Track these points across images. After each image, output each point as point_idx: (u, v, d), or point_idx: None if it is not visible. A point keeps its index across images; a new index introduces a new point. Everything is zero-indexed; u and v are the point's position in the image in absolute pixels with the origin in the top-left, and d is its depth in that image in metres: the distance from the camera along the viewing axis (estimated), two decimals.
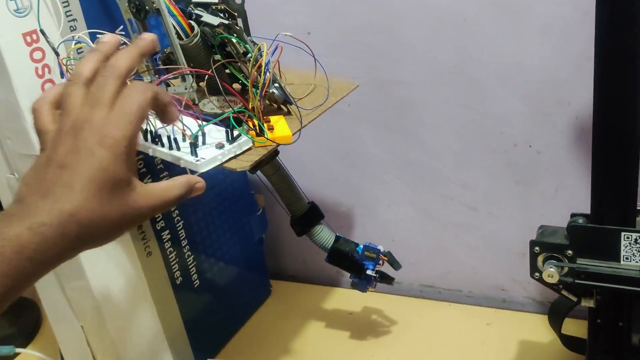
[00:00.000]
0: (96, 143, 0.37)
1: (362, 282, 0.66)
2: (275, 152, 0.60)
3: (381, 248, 0.66)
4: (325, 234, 0.65)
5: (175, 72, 0.49)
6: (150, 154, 0.49)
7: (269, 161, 0.60)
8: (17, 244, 0.33)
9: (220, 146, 0.47)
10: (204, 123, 0.47)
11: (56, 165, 0.37)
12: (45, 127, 0.39)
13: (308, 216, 0.64)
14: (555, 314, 0.61)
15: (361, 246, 0.65)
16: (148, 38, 0.43)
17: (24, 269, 0.34)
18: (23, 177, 0.38)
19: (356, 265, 0.65)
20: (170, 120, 0.42)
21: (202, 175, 0.64)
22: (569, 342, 0.62)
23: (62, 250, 0.35)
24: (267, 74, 0.50)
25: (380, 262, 0.66)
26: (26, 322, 0.79)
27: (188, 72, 0.52)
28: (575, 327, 0.62)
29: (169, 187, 0.41)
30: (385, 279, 0.67)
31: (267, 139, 0.48)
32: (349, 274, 0.67)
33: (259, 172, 0.60)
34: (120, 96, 0.38)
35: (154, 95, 0.39)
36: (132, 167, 0.38)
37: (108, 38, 0.43)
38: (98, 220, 0.36)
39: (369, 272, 0.65)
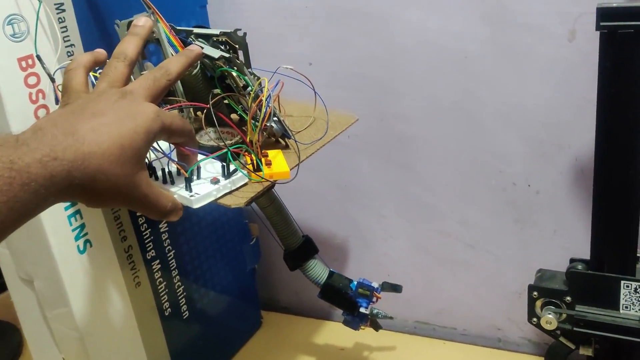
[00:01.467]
0: (139, 111, 0.39)
1: (354, 319, 0.65)
2: (271, 185, 0.59)
3: (375, 285, 0.65)
4: (318, 269, 0.64)
5: (173, 106, 0.48)
6: None
7: (265, 194, 0.59)
8: (27, 177, 0.33)
9: (215, 181, 0.46)
10: (202, 158, 0.46)
11: (91, 113, 0.38)
12: (78, 87, 0.42)
13: (302, 250, 0.63)
14: (553, 358, 0.59)
15: (355, 282, 0.64)
16: (196, 50, 0.47)
17: (28, 203, 0.33)
18: (48, 114, 0.39)
19: (349, 302, 0.64)
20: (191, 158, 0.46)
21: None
22: None
23: (63, 191, 0.35)
24: (267, 108, 0.49)
25: (375, 299, 0.64)
26: (7, 347, 0.77)
27: (186, 105, 0.51)
28: None
29: (164, 195, 0.43)
30: (375, 324, 0.66)
31: (263, 178, 0.47)
32: (342, 311, 0.65)
33: (253, 204, 0.59)
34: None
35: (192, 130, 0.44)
36: (147, 152, 0.40)
37: (143, 22, 0.47)
38: (105, 175, 0.37)
39: (362, 310, 0.64)
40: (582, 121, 0.62)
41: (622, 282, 0.49)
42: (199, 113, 0.56)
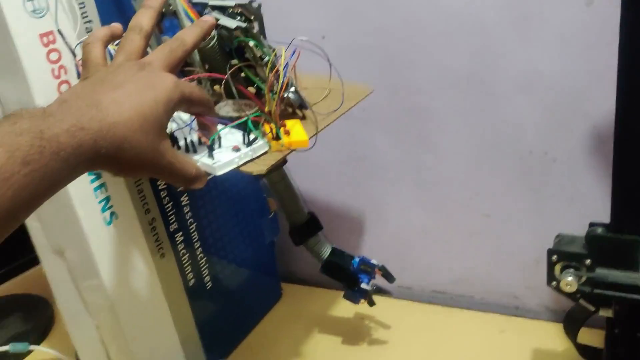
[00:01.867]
0: (158, 81, 0.40)
1: (355, 293, 0.67)
2: (284, 160, 0.60)
3: (375, 262, 0.67)
4: (322, 246, 0.65)
5: (190, 77, 0.49)
6: None
7: (279, 168, 0.60)
8: (56, 146, 0.34)
9: (236, 149, 0.47)
10: (221, 127, 0.47)
11: (111, 85, 0.39)
12: (97, 59, 0.43)
13: (307, 226, 0.64)
14: (571, 323, 0.60)
15: (357, 259, 0.66)
16: (209, 20, 0.47)
17: (59, 171, 0.34)
18: (71, 88, 0.40)
19: (351, 277, 0.65)
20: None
21: (216, 176, 0.64)
22: (585, 351, 0.61)
23: (90, 160, 0.36)
24: (284, 78, 0.50)
25: (375, 276, 0.66)
26: (39, 320, 0.80)
27: (203, 77, 0.52)
28: (590, 337, 0.62)
29: (188, 162, 0.43)
30: (380, 292, 0.68)
31: (283, 144, 0.48)
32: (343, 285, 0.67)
33: (264, 180, 0.61)
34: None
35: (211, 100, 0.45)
36: (168, 121, 0.41)
37: None
38: (129, 144, 0.38)
39: (363, 285, 0.66)
40: (601, 88, 0.61)
41: None
42: (216, 87, 0.56)
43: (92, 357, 0.63)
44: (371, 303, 0.69)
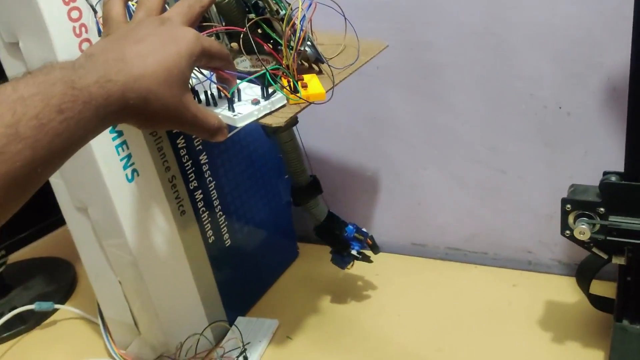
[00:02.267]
0: (180, 35, 0.41)
1: (343, 259, 0.69)
2: (295, 120, 0.61)
3: (366, 230, 0.69)
4: (320, 209, 0.67)
5: (208, 31, 0.49)
6: None
7: (293, 124, 0.61)
8: (87, 95, 0.35)
9: (255, 102, 0.47)
10: (241, 80, 0.48)
11: (134, 40, 0.40)
12: (118, 16, 0.44)
13: (309, 188, 0.65)
14: (584, 274, 0.61)
15: (351, 227, 0.67)
16: None
17: (91, 120, 0.36)
18: (95, 43, 0.42)
19: (343, 243, 0.67)
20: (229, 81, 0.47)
21: (234, 135, 0.66)
22: (597, 301, 0.62)
23: (119, 112, 0.38)
24: (301, 31, 0.50)
25: (366, 245, 0.68)
26: (63, 281, 0.82)
27: (221, 30, 0.52)
28: (602, 288, 0.63)
29: (211, 114, 0.44)
30: (365, 259, 0.70)
31: (300, 97, 0.49)
32: (331, 248, 0.69)
33: (275, 138, 0.62)
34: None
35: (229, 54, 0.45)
36: (190, 75, 0.42)
37: None
38: (155, 96, 0.39)
39: (353, 251, 0.67)
40: (615, 38, 0.61)
41: None
42: (234, 44, 0.57)
43: (116, 313, 0.65)
44: (376, 249, 0.70)
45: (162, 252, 0.61)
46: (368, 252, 0.70)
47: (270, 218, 0.77)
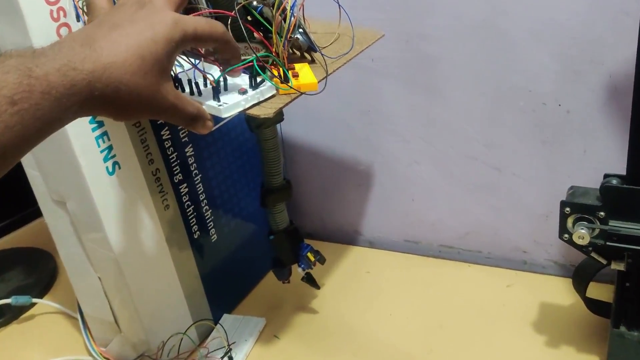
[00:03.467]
0: (158, 20, 0.38)
1: (284, 271, 0.66)
2: (280, 117, 0.59)
3: (318, 252, 0.66)
4: (284, 216, 0.64)
5: (196, 13, 0.46)
6: None
7: (275, 123, 0.58)
8: (46, 84, 0.33)
9: (243, 92, 0.45)
10: (227, 68, 0.45)
11: (109, 25, 0.37)
12: (100, 3, 0.41)
13: (280, 192, 0.62)
14: (581, 277, 0.59)
15: (305, 245, 0.65)
16: None
17: (51, 111, 0.33)
18: (69, 34, 0.37)
19: (293, 257, 0.65)
20: (234, 71, 0.44)
21: (222, 127, 0.63)
22: (593, 305, 0.61)
23: (85, 103, 0.35)
24: (292, 18, 0.47)
25: (312, 267, 0.66)
26: (43, 273, 0.80)
27: (208, 13, 0.49)
28: (598, 291, 0.61)
29: (188, 100, 0.42)
30: (311, 282, 0.68)
31: (291, 87, 0.46)
32: (274, 258, 0.66)
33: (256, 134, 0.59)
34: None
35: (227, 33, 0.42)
36: (172, 62, 0.39)
37: None
38: (126, 87, 0.36)
39: (299, 269, 0.65)
40: (618, 36, 0.59)
41: None
42: None
43: (95, 309, 0.63)
44: (287, 281, 0.68)
45: (144, 247, 0.59)
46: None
47: (258, 212, 0.74)
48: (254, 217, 0.73)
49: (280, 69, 0.47)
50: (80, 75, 0.34)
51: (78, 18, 0.49)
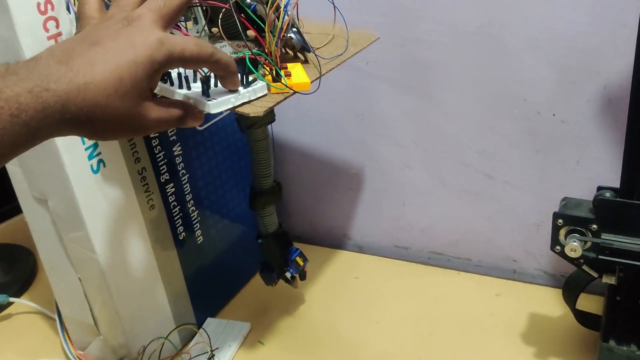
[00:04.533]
0: (142, 40, 0.36)
1: (272, 275, 0.65)
2: (272, 118, 0.57)
3: (304, 257, 0.66)
4: (273, 219, 0.63)
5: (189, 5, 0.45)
6: (156, 92, 0.45)
7: (267, 124, 0.57)
8: (16, 107, 0.31)
9: (234, 89, 0.44)
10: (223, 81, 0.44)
11: (89, 41, 0.36)
12: (90, 12, 0.39)
13: (270, 194, 0.61)
14: (571, 289, 0.59)
15: (294, 249, 0.64)
16: None
17: (18, 136, 0.31)
18: (52, 45, 0.36)
19: (282, 261, 0.64)
20: (231, 85, 0.42)
21: (211, 126, 0.61)
22: (583, 317, 0.60)
23: (57, 125, 0.33)
24: (286, 17, 0.46)
25: (301, 272, 0.65)
26: (21, 271, 0.77)
27: (199, 4, 0.48)
28: (588, 302, 0.61)
29: (172, 102, 0.40)
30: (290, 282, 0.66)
31: (286, 85, 0.45)
32: (262, 260, 0.65)
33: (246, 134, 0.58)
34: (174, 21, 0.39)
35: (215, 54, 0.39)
36: (154, 83, 0.38)
37: None
38: (102, 109, 0.34)
39: (287, 274, 0.64)
40: (614, 47, 0.59)
41: None
42: (214, 29, 0.53)
43: (74, 311, 0.61)
44: (275, 283, 0.67)
45: (127, 248, 0.57)
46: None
47: (246, 214, 0.73)
48: (241, 219, 0.72)
49: (273, 68, 0.46)
50: (54, 97, 0.32)
51: (68, 9, 0.48)
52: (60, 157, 0.50)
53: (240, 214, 0.71)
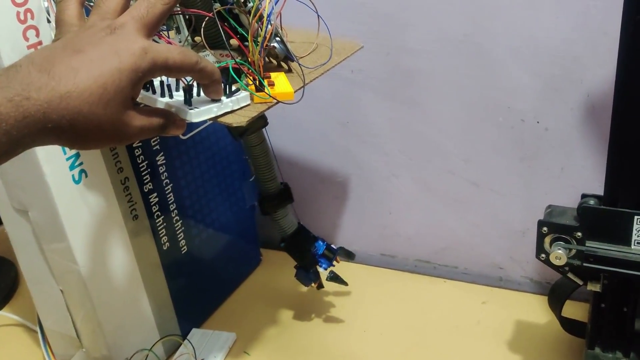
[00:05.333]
0: (125, 48, 0.35)
1: (308, 275, 0.65)
2: (264, 122, 0.57)
3: (335, 247, 0.65)
4: (289, 220, 0.63)
5: (171, 13, 0.44)
6: (138, 100, 0.45)
7: (259, 128, 0.57)
8: None
9: (217, 99, 0.43)
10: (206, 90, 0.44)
11: (72, 49, 0.35)
12: (70, 19, 0.39)
13: (278, 197, 0.61)
14: (556, 296, 0.59)
15: (322, 243, 0.64)
16: None
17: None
18: (31, 52, 0.35)
19: (310, 259, 0.63)
20: (215, 94, 0.42)
21: (195, 135, 0.61)
22: (569, 324, 0.60)
23: (38, 134, 0.33)
24: (269, 26, 0.46)
25: (334, 263, 0.64)
26: (2, 283, 0.76)
27: (182, 12, 0.48)
28: (573, 309, 0.61)
29: (154, 110, 0.40)
30: (337, 280, 0.67)
31: (269, 95, 0.45)
32: (295, 264, 0.65)
33: (242, 142, 0.57)
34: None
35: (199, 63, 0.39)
36: (137, 91, 0.37)
37: None
38: (85, 118, 0.34)
39: (320, 269, 0.64)
40: (596, 55, 0.59)
41: (636, 217, 0.48)
42: (197, 38, 0.52)
43: (56, 323, 0.60)
44: (320, 286, 0.67)
45: (110, 259, 0.56)
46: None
47: (232, 223, 0.73)
48: (225, 228, 0.71)
49: (256, 77, 0.45)
50: (35, 106, 0.32)
51: (48, 20, 0.47)
52: (40, 168, 0.50)
53: (224, 224, 0.71)
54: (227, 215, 0.71)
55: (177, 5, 0.48)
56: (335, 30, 0.54)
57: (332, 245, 0.65)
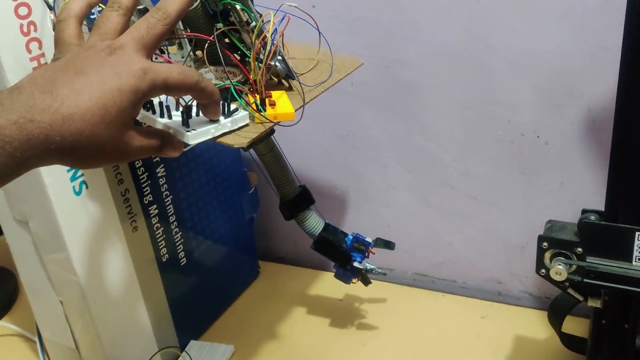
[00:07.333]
0: (126, 69, 0.36)
1: (346, 273, 0.64)
2: (271, 130, 0.57)
3: (370, 240, 0.64)
4: (314, 220, 0.62)
5: (173, 37, 0.45)
6: (138, 119, 0.45)
7: (265, 139, 0.57)
8: (0, 139, 0.31)
9: (215, 119, 0.43)
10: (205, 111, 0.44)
11: (74, 70, 0.35)
12: (69, 39, 0.39)
13: (298, 200, 0.61)
14: (556, 312, 0.59)
15: (350, 236, 0.63)
16: None
17: (3, 166, 0.31)
18: (32, 73, 0.36)
19: (343, 255, 0.63)
20: (213, 115, 0.42)
21: (195, 147, 0.61)
22: (569, 340, 0.60)
23: (41, 155, 0.33)
24: (272, 45, 0.46)
25: (368, 255, 0.64)
26: (2, 293, 0.76)
27: (185, 36, 0.48)
28: (573, 325, 0.61)
29: (152, 131, 0.40)
30: (365, 279, 0.66)
31: (267, 118, 0.45)
32: (333, 264, 0.64)
33: (251, 150, 0.57)
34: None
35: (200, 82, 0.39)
36: (137, 111, 0.37)
37: None
38: (87, 138, 0.34)
39: (355, 264, 0.63)
40: (597, 70, 0.60)
41: (637, 233, 0.48)
42: (198, 52, 0.53)
43: (55, 334, 0.60)
44: (366, 282, 0.66)
45: (109, 271, 0.56)
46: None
47: (231, 235, 0.73)
48: (224, 240, 0.71)
49: (257, 97, 0.45)
50: (38, 128, 0.32)
51: (54, 28, 0.47)
52: (42, 179, 0.50)
53: (223, 235, 0.71)
54: (226, 227, 0.71)
55: (180, 24, 0.48)
56: (335, 43, 0.54)
57: (365, 238, 0.63)
